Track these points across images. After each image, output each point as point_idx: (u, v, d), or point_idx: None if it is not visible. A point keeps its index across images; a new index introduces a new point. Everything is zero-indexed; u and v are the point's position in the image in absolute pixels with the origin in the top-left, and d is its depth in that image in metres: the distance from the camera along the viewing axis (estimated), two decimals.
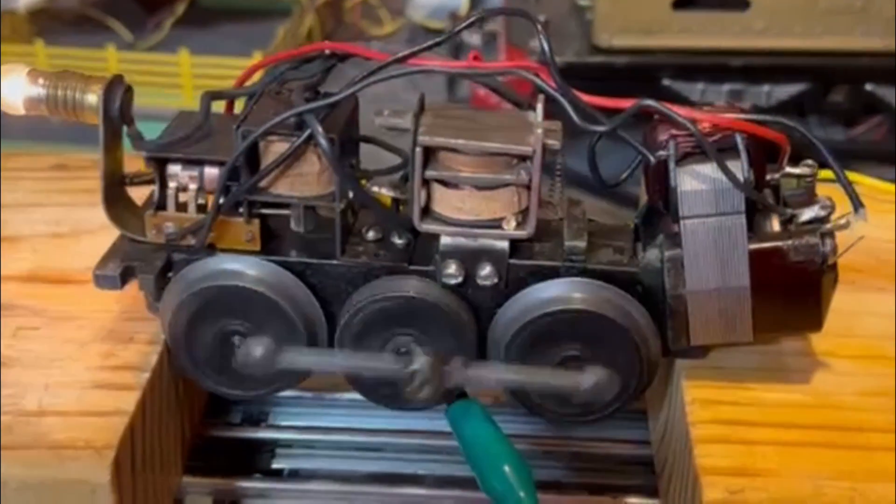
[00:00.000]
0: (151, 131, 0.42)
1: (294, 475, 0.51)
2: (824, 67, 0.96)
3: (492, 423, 0.43)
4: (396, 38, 1.38)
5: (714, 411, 0.41)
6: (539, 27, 0.39)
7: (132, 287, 0.43)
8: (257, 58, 1.10)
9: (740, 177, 0.38)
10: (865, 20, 0.94)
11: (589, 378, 0.39)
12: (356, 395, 0.44)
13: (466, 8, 1.33)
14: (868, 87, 0.97)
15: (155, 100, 1.00)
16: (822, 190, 0.40)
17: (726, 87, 0.95)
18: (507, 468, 0.40)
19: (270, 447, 0.51)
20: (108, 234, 0.44)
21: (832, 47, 0.94)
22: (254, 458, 0.50)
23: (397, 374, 0.40)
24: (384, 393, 0.43)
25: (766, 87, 0.96)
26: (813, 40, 0.94)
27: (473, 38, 0.99)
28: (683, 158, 0.39)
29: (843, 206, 0.39)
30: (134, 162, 0.44)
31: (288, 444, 0.51)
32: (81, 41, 1.19)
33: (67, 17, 1.30)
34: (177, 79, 1.13)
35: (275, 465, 0.50)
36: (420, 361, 0.39)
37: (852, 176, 0.42)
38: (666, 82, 0.96)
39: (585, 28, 0.99)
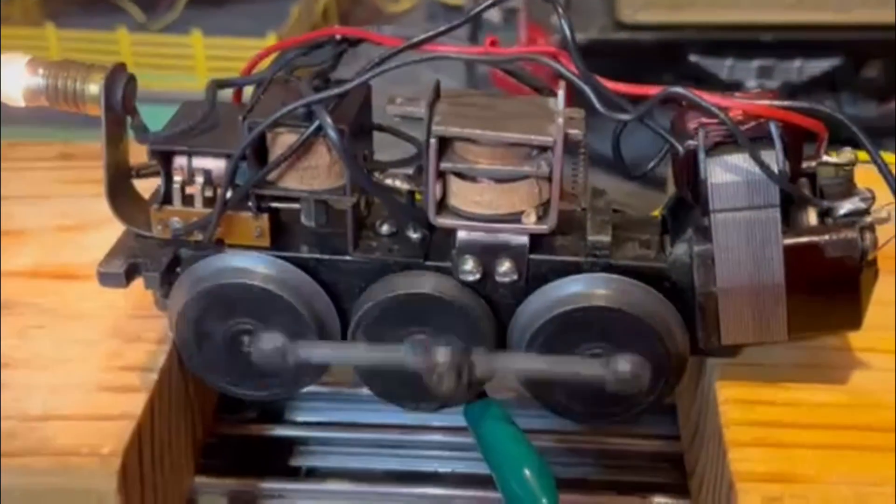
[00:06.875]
0: (165, 115, 0.41)
1: (311, 474, 0.49)
2: (858, 42, 0.92)
3: (511, 423, 0.41)
4: (414, 16, 1.36)
5: (749, 412, 0.39)
6: (560, 10, 0.37)
7: (140, 281, 0.42)
8: (272, 38, 1.08)
9: (775, 168, 0.36)
10: None
11: (620, 366, 0.37)
12: None
13: None
14: None
15: (168, 82, 0.98)
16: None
17: (756, 63, 0.92)
18: (527, 472, 0.39)
19: (287, 444, 0.49)
20: (115, 227, 0.42)
21: (866, 21, 0.91)
22: (269, 456, 0.49)
23: (418, 367, 0.38)
24: (399, 392, 0.42)
25: (797, 63, 0.93)
26: (847, 14, 0.91)
27: (493, 16, 0.97)
28: (714, 148, 0.37)
29: (878, 186, 0.37)
30: (140, 152, 0.42)
31: (304, 442, 0.50)
32: (93, 23, 1.17)
33: None
34: (190, 60, 1.11)
35: (292, 463, 0.49)
36: (442, 353, 0.37)
37: (888, 157, 0.40)
38: (693, 59, 0.93)
39: (609, 3, 0.96)
